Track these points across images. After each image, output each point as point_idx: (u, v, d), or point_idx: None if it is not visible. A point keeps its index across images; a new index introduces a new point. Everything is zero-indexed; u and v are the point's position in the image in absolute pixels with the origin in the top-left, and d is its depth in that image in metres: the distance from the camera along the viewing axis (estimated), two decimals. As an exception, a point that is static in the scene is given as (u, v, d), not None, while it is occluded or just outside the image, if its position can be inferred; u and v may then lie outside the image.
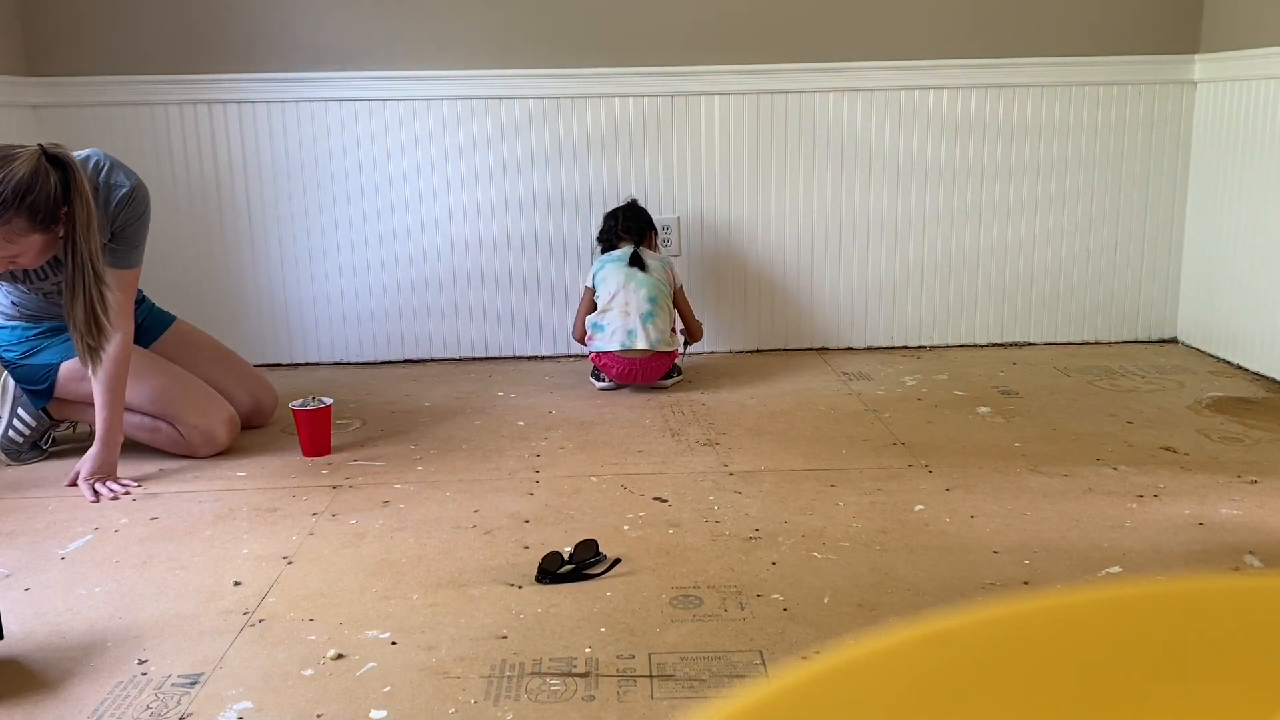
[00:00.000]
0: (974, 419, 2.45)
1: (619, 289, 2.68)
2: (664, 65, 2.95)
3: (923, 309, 3.13)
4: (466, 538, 1.83)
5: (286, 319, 3.07)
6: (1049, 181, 3.06)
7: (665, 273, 2.75)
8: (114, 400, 2.16)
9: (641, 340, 2.64)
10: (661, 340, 2.66)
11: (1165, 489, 1.99)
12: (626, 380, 2.71)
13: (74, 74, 2.89)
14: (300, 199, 3.00)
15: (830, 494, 2.00)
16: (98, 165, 2.12)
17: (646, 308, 2.66)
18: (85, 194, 1.98)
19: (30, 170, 1.92)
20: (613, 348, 2.65)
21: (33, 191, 1.91)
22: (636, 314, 2.65)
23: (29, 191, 1.91)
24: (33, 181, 1.91)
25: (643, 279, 2.70)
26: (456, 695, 1.34)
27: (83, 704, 1.34)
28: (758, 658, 1.42)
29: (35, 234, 1.96)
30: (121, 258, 2.16)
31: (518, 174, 3.01)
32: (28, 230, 1.94)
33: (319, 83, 2.93)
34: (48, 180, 1.94)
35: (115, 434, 2.17)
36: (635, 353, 2.65)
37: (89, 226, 1.99)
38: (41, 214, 1.94)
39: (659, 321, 2.66)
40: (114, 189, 2.12)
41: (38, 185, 1.92)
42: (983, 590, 1.61)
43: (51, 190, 1.94)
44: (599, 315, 2.70)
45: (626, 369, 2.67)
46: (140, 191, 2.16)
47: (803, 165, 3.02)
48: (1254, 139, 2.75)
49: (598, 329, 2.69)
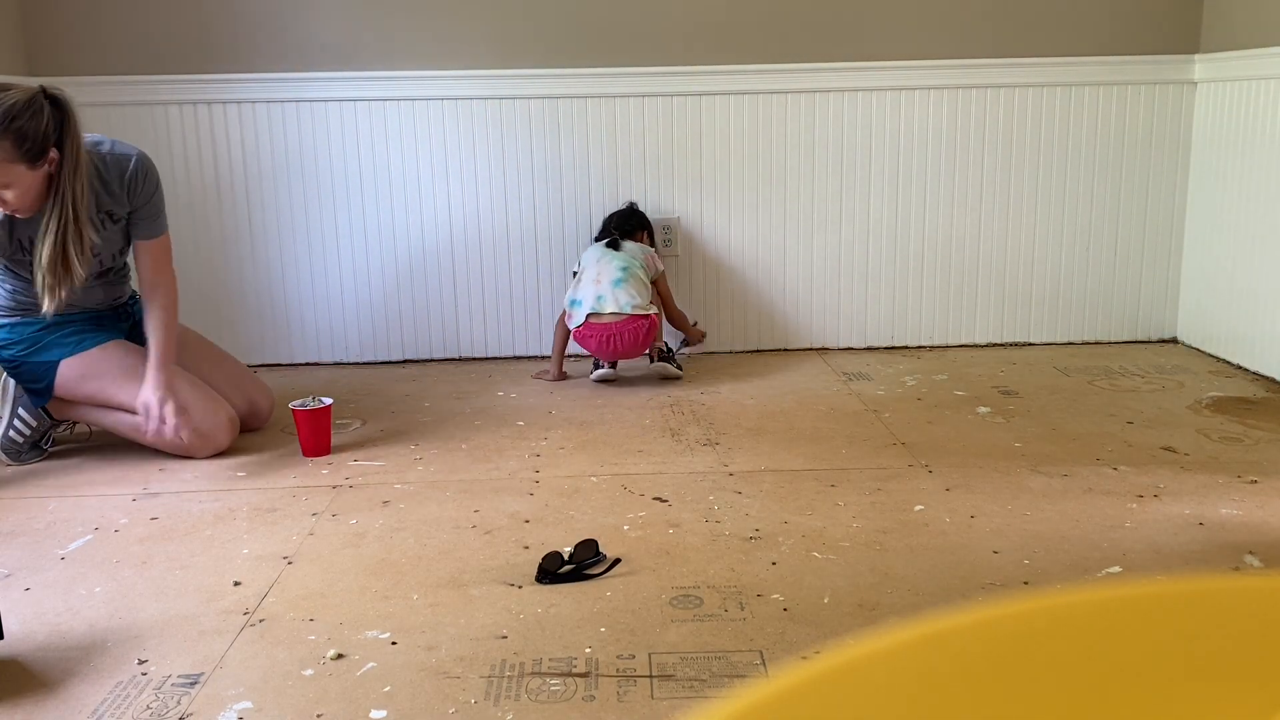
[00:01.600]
0: (974, 419, 2.45)
1: (592, 265, 2.73)
2: (664, 65, 2.95)
3: (923, 309, 3.13)
4: (466, 538, 1.83)
5: (286, 319, 3.07)
6: (1049, 181, 3.06)
7: (642, 256, 2.78)
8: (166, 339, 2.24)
9: (610, 304, 2.65)
10: (632, 305, 2.66)
11: (1165, 489, 1.99)
12: (609, 353, 2.71)
13: (74, 74, 2.89)
14: (300, 199, 3.00)
15: (830, 494, 2.00)
16: (99, 142, 2.21)
17: (617, 275, 2.68)
18: (78, 138, 2.05)
19: (25, 100, 1.99)
20: (584, 316, 2.67)
21: (20, 118, 1.97)
22: (607, 281, 2.68)
23: (17, 117, 1.97)
24: (24, 109, 1.98)
25: (615, 255, 2.74)
26: (456, 695, 1.34)
27: (83, 704, 1.34)
28: (758, 658, 1.42)
29: (22, 164, 2.00)
30: (147, 228, 2.26)
31: (517, 174, 3.01)
32: (14, 157, 1.98)
33: (319, 83, 2.93)
34: (40, 113, 2.01)
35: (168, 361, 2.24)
36: (607, 316, 2.66)
37: (77, 170, 2.06)
38: (29, 143, 1.99)
39: (629, 287, 2.67)
40: (123, 158, 2.20)
41: (28, 114, 1.98)
42: (983, 590, 1.61)
43: (43, 123, 2.01)
44: (573, 290, 2.74)
45: (604, 336, 2.67)
46: (148, 161, 2.26)
47: (803, 165, 3.03)
48: (1254, 139, 2.75)
49: (574, 305, 2.72)
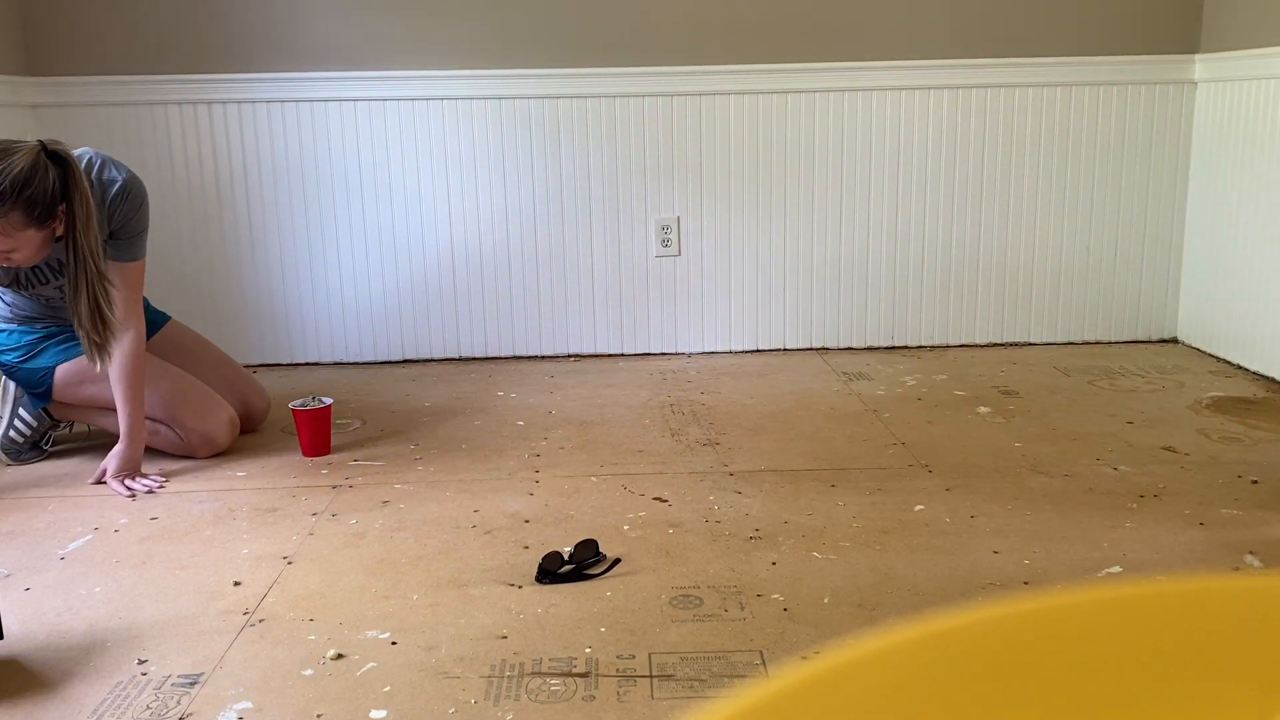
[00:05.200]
0: (974, 419, 2.45)
1: None
2: (664, 65, 2.95)
3: (923, 309, 3.13)
4: (466, 538, 1.83)
5: (286, 319, 3.07)
6: (1049, 181, 3.06)
7: None
8: (134, 396, 2.17)
9: None
10: None
11: (1165, 489, 1.99)
12: None
13: (74, 74, 2.89)
14: (300, 199, 3.00)
15: (830, 494, 2.00)
16: (89, 163, 2.13)
17: None
18: (84, 191, 1.99)
19: (29, 164, 1.92)
20: None
21: (30, 185, 1.92)
22: None
23: (26, 185, 1.91)
24: (31, 175, 1.92)
25: None
26: (456, 695, 1.34)
27: (83, 704, 1.34)
28: (758, 658, 1.42)
29: (31, 229, 1.96)
30: (123, 251, 2.17)
31: (517, 174, 3.01)
32: (24, 224, 1.94)
33: (319, 83, 2.93)
34: (46, 175, 1.95)
35: (139, 430, 2.18)
36: None
37: (88, 223, 2.00)
38: (39, 209, 1.94)
39: None
40: (108, 185, 2.13)
41: (35, 179, 1.93)
42: (983, 590, 1.61)
43: (50, 186, 1.95)
44: None
45: None
46: (133, 184, 2.16)
47: (803, 165, 3.02)
48: (1254, 139, 2.75)
49: None
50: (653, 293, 3.09)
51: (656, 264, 3.07)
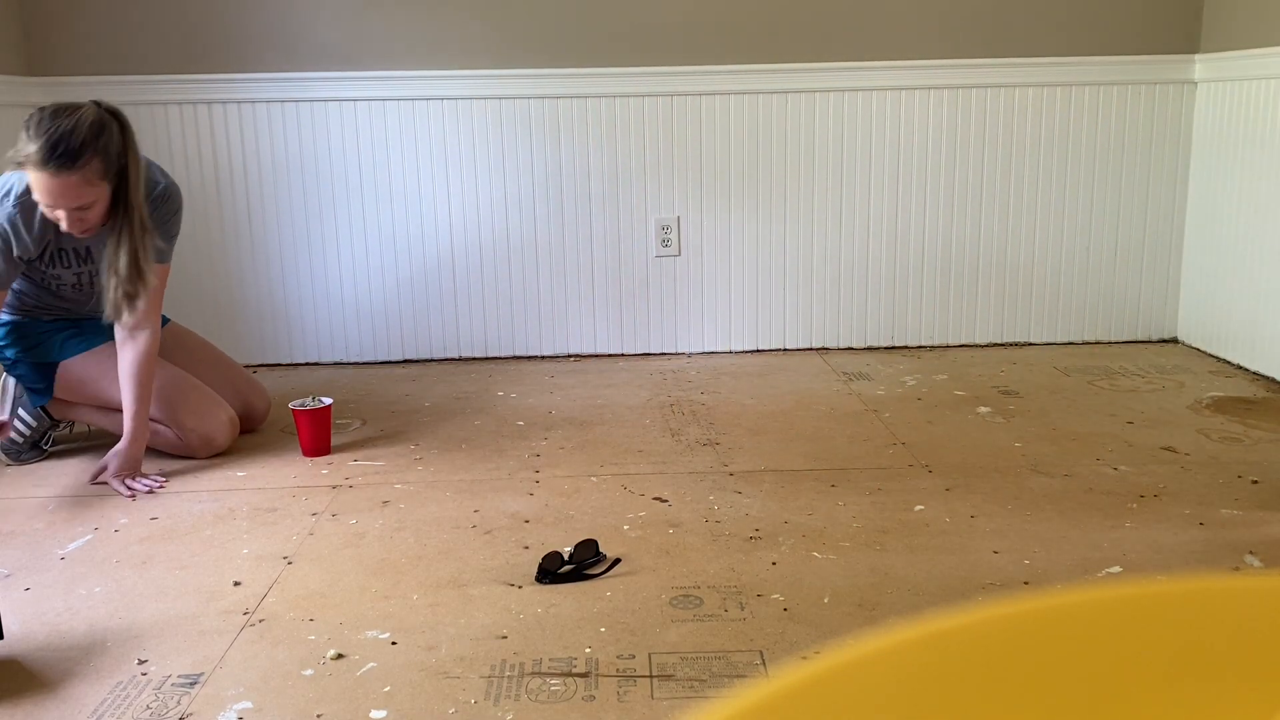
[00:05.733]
0: (974, 419, 2.45)
1: None
2: (664, 65, 2.95)
3: (923, 309, 3.13)
4: (466, 538, 1.83)
5: (286, 319, 3.07)
6: (1049, 181, 3.06)
7: None
8: (142, 396, 2.18)
9: None
10: None
11: (1165, 489, 1.99)
12: None
13: (74, 74, 2.89)
14: (300, 199, 3.00)
15: (830, 494, 2.00)
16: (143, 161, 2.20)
17: None
18: (136, 148, 2.06)
19: (96, 116, 1.99)
20: None
21: (104, 133, 1.98)
22: None
23: (101, 133, 1.97)
24: (101, 126, 1.98)
25: None
26: (456, 695, 1.34)
27: (83, 704, 1.34)
28: (758, 658, 1.42)
29: (105, 182, 2.00)
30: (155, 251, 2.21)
31: (517, 174, 3.01)
32: (102, 175, 1.99)
33: (319, 83, 2.93)
34: (112, 126, 2.01)
35: (142, 430, 2.19)
36: None
37: (139, 179, 2.05)
38: (111, 159, 2.00)
39: None
40: (151, 185, 2.18)
41: (106, 129, 1.99)
42: (983, 590, 1.61)
43: (116, 137, 2.02)
44: None
45: None
46: (174, 190, 2.23)
47: (803, 165, 3.03)
48: (1254, 139, 2.75)
49: None
50: (653, 293, 3.09)
51: (656, 264, 3.07)
